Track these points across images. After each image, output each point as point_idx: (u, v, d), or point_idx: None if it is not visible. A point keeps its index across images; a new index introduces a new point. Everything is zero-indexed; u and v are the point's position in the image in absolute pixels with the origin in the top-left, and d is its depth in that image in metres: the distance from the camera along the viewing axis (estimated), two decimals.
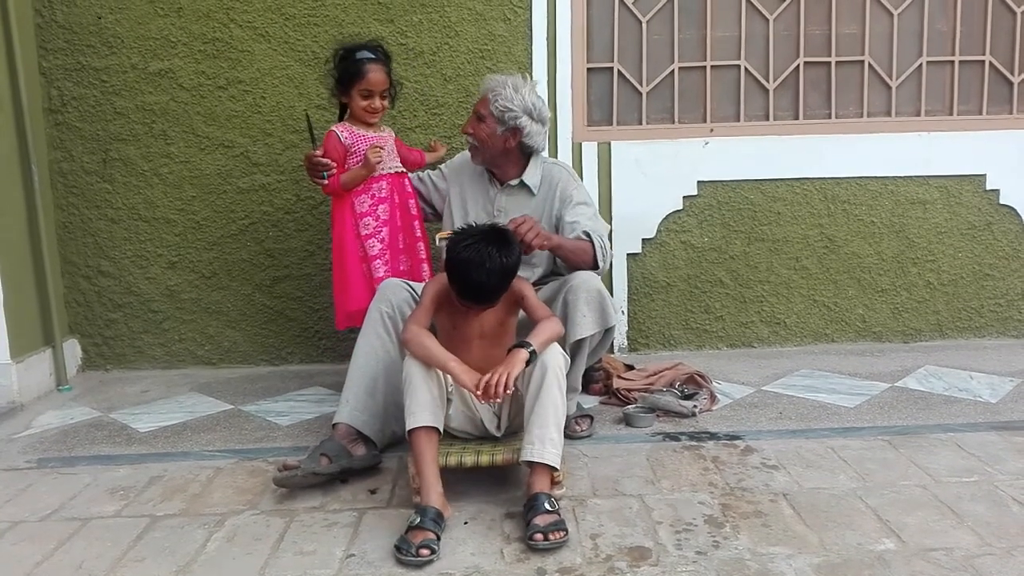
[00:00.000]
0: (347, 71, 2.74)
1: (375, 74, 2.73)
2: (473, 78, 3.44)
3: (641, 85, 3.57)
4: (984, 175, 3.60)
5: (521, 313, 2.30)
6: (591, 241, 2.59)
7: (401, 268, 2.81)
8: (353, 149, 2.77)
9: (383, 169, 2.80)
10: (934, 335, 3.70)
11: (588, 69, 3.55)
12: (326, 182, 2.75)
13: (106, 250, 3.52)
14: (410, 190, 2.89)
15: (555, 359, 2.14)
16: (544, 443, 2.08)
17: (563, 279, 2.60)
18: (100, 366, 3.59)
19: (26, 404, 3.14)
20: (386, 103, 2.81)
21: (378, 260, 2.76)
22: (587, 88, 3.56)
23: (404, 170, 2.90)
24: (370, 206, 2.78)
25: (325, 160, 2.72)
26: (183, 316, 3.56)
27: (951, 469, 2.34)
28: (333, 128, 2.79)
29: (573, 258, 2.58)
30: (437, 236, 2.53)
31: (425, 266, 2.87)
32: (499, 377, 2.04)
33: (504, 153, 2.73)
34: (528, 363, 2.10)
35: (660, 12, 3.54)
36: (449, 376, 2.15)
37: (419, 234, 2.88)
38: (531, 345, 2.11)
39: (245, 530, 2.09)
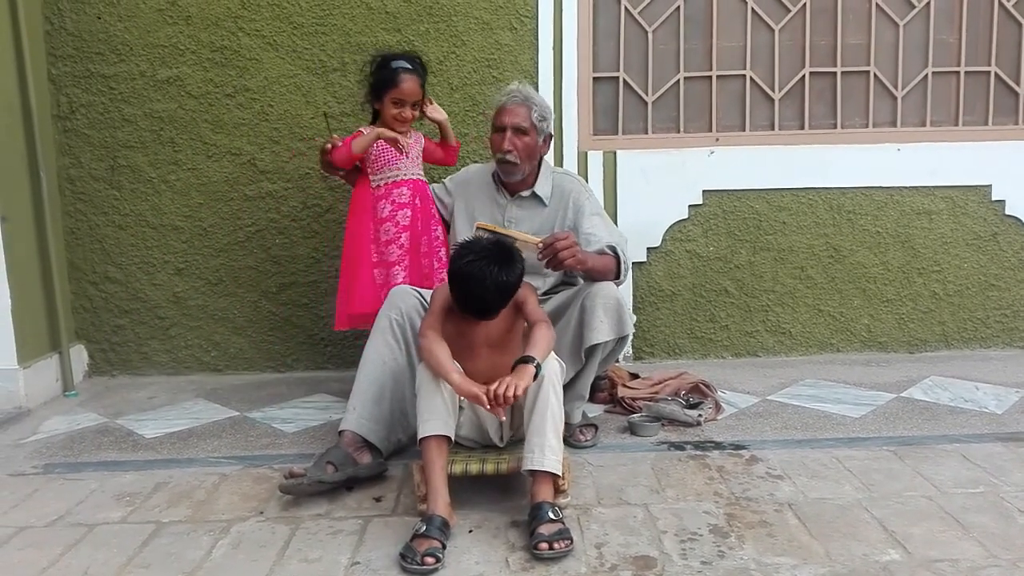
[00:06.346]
0: (382, 78, 2.78)
1: (408, 84, 2.77)
2: (479, 87, 3.46)
3: (647, 94, 3.58)
4: (990, 186, 3.60)
5: None
6: (616, 257, 2.61)
7: (424, 272, 2.81)
8: (375, 154, 2.80)
9: (404, 175, 2.82)
10: (940, 345, 3.69)
11: (594, 78, 3.56)
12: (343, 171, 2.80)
13: (113, 256, 3.53)
14: (431, 196, 2.90)
15: (551, 367, 2.15)
16: (544, 451, 2.08)
17: (580, 286, 2.62)
18: (106, 372, 3.60)
19: (33, 409, 3.15)
20: (416, 113, 2.84)
21: (397, 267, 2.76)
22: (593, 97, 3.57)
23: (425, 179, 2.91)
24: (390, 212, 2.79)
25: (334, 139, 2.76)
26: (189, 322, 3.57)
27: (956, 480, 2.34)
28: (363, 128, 2.83)
29: (599, 277, 2.59)
30: (476, 225, 2.53)
31: (444, 273, 2.87)
32: (507, 388, 2.01)
33: (535, 163, 2.73)
34: (535, 377, 2.08)
35: (666, 22, 3.56)
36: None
37: (441, 239, 2.87)
38: (535, 359, 2.08)
39: (250, 537, 2.09)
